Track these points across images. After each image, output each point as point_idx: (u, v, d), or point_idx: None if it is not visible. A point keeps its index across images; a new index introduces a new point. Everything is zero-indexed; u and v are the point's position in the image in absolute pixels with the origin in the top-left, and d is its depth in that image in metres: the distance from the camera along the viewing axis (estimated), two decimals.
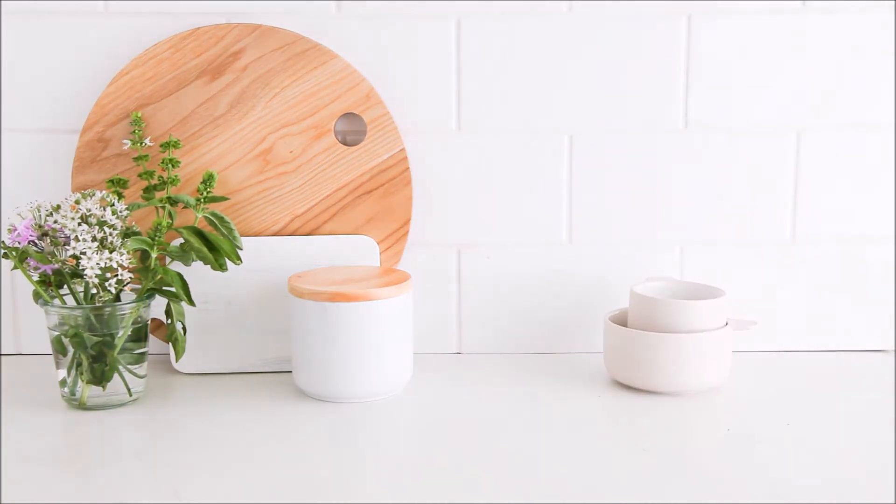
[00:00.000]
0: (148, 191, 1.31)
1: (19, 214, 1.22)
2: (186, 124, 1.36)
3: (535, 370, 1.37)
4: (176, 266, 1.32)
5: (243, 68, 1.36)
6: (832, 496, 0.96)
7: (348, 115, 1.38)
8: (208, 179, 1.28)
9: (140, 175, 1.31)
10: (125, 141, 1.33)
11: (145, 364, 1.26)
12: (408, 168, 1.39)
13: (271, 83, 1.37)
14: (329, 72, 1.37)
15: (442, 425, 1.19)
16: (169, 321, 1.26)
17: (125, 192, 1.32)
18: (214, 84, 1.36)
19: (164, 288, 1.25)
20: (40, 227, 1.20)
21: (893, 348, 1.43)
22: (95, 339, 1.21)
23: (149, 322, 1.26)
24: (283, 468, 1.06)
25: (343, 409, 1.23)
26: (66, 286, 1.22)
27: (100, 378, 1.22)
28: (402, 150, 1.39)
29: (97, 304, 1.21)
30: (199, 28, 1.36)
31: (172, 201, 1.29)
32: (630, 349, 1.27)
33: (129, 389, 1.24)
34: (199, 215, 1.28)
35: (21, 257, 1.19)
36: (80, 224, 1.19)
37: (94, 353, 1.21)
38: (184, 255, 1.26)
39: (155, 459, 1.09)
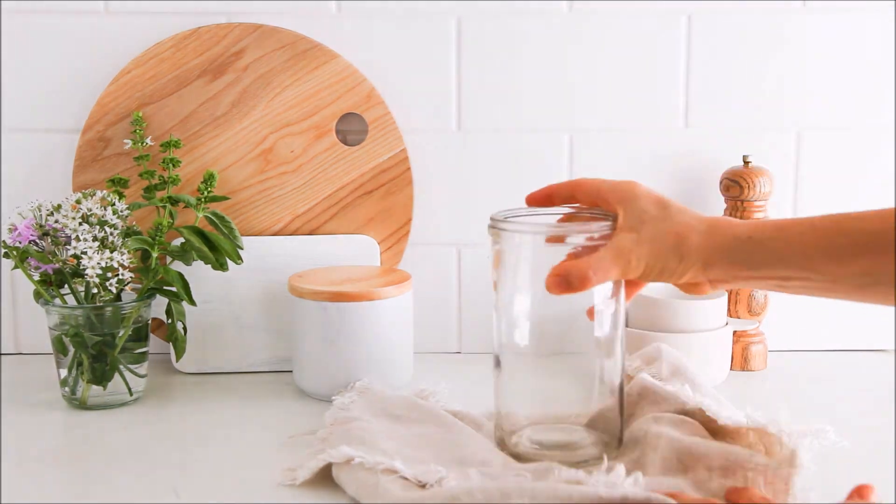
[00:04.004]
0: (149, 190, 1.31)
1: (20, 214, 1.22)
2: (187, 124, 1.37)
3: None
4: (176, 266, 1.32)
5: (244, 68, 1.36)
6: (832, 496, 0.96)
7: (349, 115, 1.38)
8: (209, 179, 1.28)
9: (141, 174, 1.31)
10: (126, 140, 1.33)
11: (146, 364, 1.26)
12: (409, 168, 1.39)
13: (272, 83, 1.37)
14: (330, 72, 1.37)
15: None
16: (169, 321, 1.26)
17: (126, 192, 1.32)
18: (215, 83, 1.37)
19: (165, 287, 1.25)
20: (41, 226, 1.20)
21: (893, 348, 1.43)
22: (96, 338, 1.21)
23: (149, 322, 1.26)
24: (284, 468, 1.05)
25: None
26: (66, 286, 1.22)
27: (100, 378, 1.22)
28: (403, 150, 1.39)
29: (98, 304, 1.21)
30: (200, 27, 1.36)
31: (173, 201, 1.29)
32: (630, 349, 1.27)
33: (129, 389, 1.24)
34: (200, 215, 1.28)
35: (22, 257, 1.20)
36: (80, 224, 1.19)
37: (94, 353, 1.21)
38: (184, 254, 1.26)
39: (155, 459, 1.09)
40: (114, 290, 1.19)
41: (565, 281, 0.96)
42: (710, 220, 0.97)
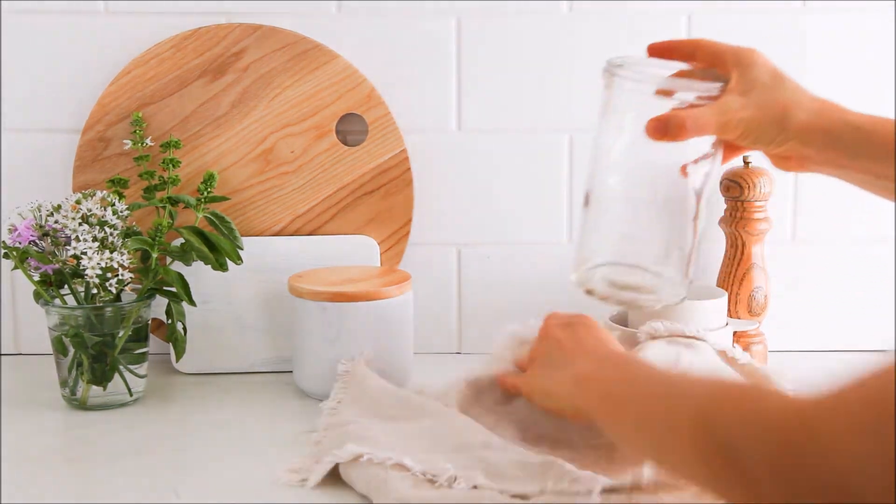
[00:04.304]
0: (148, 191, 1.31)
1: (20, 214, 1.22)
2: (188, 124, 1.37)
3: None
4: (176, 266, 1.32)
5: (245, 68, 1.36)
6: None
7: (349, 115, 1.38)
8: (209, 179, 1.28)
9: (140, 175, 1.31)
10: (126, 141, 1.33)
11: (146, 364, 1.26)
12: (409, 169, 1.39)
13: (273, 83, 1.37)
14: (331, 72, 1.37)
15: None
16: (169, 321, 1.26)
17: (126, 192, 1.32)
18: (216, 84, 1.37)
19: (165, 288, 1.25)
20: (41, 227, 1.20)
21: (894, 348, 1.43)
22: (96, 339, 1.21)
23: (149, 322, 1.26)
24: (284, 468, 1.05)
25: None
26: (66, 286, 1.22)
27: (100, 378, 1.22)
28: (404, 150, 1.39)
29: (98, 304, 1.21)
30: (200, 28, 1.36)
31: (173, 201, 1.29)
32: (630, 349, 1.27)
33: (129, 389, 1.24)
34: (200, 215, 1.28)
35: (22, 257, 1.20)
36: (80, 224, 1.19)
37: (94, 353, 1.21)
38: (184, 254, 1.26)
39: (155, 459, 1.09)
40: (114, 291, 1.19)
41: (664, 126, 0.98)
42: (823, 102, 1.00)
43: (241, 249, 1.28)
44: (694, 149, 1.02)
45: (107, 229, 1.20)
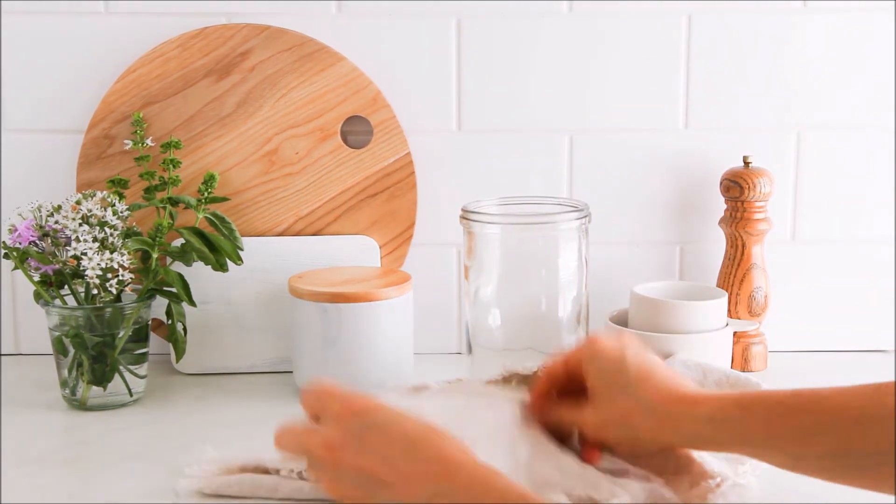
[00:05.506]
0: (149, 191, 1.31)
1: (20, 215, 1.23)
2: (192, 123, 1.37)
3: None
4: (176, 266, 1.32)
5: (251, 69, 1.37)
6: (833, 497, 0.96)
7: (353, 116, 1.38)
8: (209, 180, 1.29)
9: (141, 175, 1.31)
10: (126, 141, 1.33)
11: (146, 364, 1.27)
12: (413, 172, 1.39)
13: (279, 84, 1.37)
14: (336, 74, 1.37)
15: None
16: (169, 321, 1.27)
17: (126, 193, 1.32)
18: (221, 84, 1.37)
19: (165, 288, 1.26)
20: (41, 227, 1.21)
21: (893, 348, 1.43)
22: (96, 339, 1.21)
23: (149, 322, 1.27)
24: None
25: None
26: (67, 286, 1.23)
27: (100, 378, 1.23)
28: (408, 153, 1.39)
29: (98, 305, 1.21)
30: (206, 28, 1.36)
31: (173, 202, 1.29)
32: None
33: (129, 390, 1.24)
34: (200, 216, 1.28)
35: (22, 258, 1.20)
36: (80, 224, 1.20)
37: (94, 354, 1.22)
38: (184, 255, 1.26)
39: (155, 460, 1.09)
40: (114, 291, 1.20)
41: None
42: (664, 400, 0.94)
43: (242, 250, 1.28)
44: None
45: (107, 230, 1.20)
